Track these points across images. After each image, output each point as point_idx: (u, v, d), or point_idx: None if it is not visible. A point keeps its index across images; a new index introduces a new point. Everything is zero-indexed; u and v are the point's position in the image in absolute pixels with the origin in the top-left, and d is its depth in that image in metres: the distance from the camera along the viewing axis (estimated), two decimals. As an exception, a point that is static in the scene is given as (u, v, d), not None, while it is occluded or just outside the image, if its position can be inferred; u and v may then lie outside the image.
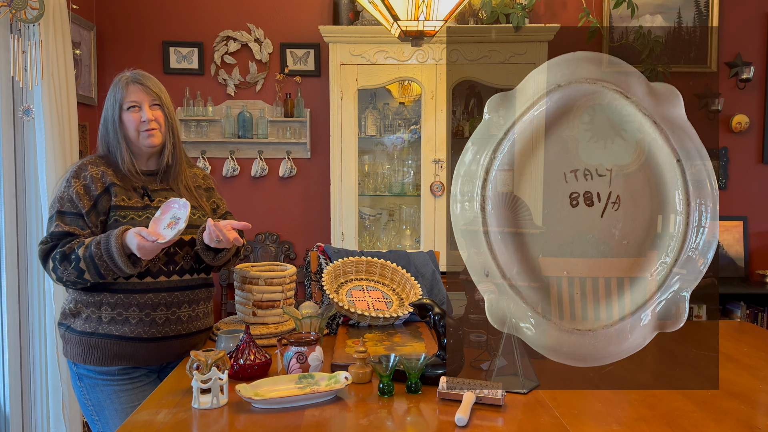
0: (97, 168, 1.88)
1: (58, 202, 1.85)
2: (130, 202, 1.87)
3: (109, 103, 1.93)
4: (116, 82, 1.94)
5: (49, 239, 1.83)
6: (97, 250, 1.75)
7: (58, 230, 1.82)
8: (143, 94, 1.91)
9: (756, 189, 4.02)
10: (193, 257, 1.95)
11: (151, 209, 1.88)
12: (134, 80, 1.91)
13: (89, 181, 1.85)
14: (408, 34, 2.35)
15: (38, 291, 2.96)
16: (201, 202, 2.01)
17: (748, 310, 3.76)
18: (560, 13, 3.90)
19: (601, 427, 1.43)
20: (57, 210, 1.84)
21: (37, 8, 2.73)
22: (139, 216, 1.86)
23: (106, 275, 1.77)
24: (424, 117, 3.51)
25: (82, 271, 1.76)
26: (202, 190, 2.06)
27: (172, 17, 3.89)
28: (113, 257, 1.74)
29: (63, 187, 1.87)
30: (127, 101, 1.90)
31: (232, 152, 3.92)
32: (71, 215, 1.83)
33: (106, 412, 1.84)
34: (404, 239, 3.76)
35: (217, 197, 2.12)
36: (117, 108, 1.90)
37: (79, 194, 1.83)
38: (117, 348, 1.83)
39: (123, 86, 1.91)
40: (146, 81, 1.93)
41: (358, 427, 1.43)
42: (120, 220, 1.84)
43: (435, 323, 1.70)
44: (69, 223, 1.83)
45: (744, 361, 1.93)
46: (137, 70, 1.96)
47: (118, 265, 1.75)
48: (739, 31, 3.93)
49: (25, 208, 2.95)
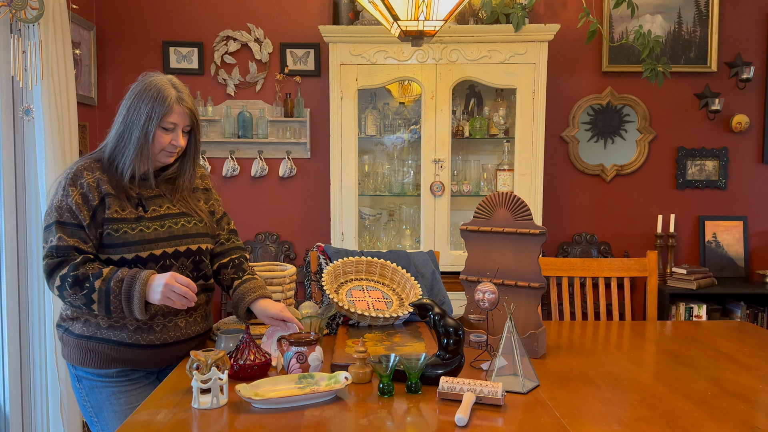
0: (92, 174, 1.78)
1: (56, 211, 1.76)
2: (124, 213, 1.79)
3: (142, 111, 1.77)
4: (156, 92, 1.77)
5: (55, 253, 1.73)
6: (116, 289, 1.70)
7: (63, 244, 1.73)
8: (184, 118, 1.81)
9: (756, 189, 4.02)
10: (190, 267, 1.89)
11: (144, 221, 1.80)
12: (179, 101, 1.79)
13: (86, 189, 1.76)
14: (408, 34, 2.34)
15: (38, 291, 2.96)
16: (197, 209, 1.94)
17: (748, 310, 3.76)
18: (560, 13, 3.89)
19: (601, 427, 1.43)
20: (56, 220, 1.75)
21: (37, 8, 2.73)
22: (132, 229, 1.78)
23: (113, 313, 1.73)
24: (424, 117, 3.51)
25: (92, 301, 1.71)
26: (200, 192, 2.00)
27: (172, 17, 3.89)
28: (131, 302, 1.70)
29: (60, 194, 1.77)
30: (167, 121, 1.78)
31: (232, 152, 3.92)
32: (72, 226, 1.75)
33: (105, 414, 1.83)
34: (404, 239, 3.76)
35: (215, 198, 2.06)
36: (154, 123, 1.76)
37: (78, 204, 1.75)
38: (115, 352, 1.81)
39: (170, 104, 1.77)
40: (190, 103, 1.82)
41: (358, 427, 1.43)
42: (112, 234, 1.77)
43: (435, 323, 1.70)
44: (71, 235, 1.74)
45: (744, 361, 1.93)
46: (177, 84, 1.82)
47: (134, 310, 1.71)
48: (739, 31, 3.93)
49: (25, 208, 2.95)
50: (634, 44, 3.62)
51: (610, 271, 2.61)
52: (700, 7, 3.89)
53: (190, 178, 1.93)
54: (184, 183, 1.92)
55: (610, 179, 4.01)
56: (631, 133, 3.98)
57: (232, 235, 2.07)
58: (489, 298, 1.86)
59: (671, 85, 3.89)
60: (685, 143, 4.00)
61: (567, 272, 2.60)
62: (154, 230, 1.82)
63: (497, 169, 3.68)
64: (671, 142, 4.00)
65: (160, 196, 1.88)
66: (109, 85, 3.90)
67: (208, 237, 1.95)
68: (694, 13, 3.89)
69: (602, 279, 2.62)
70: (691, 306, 3.71)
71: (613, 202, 4.03)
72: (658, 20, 3.90)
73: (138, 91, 1.79)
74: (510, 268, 1.98)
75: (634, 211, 4.03)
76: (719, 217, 4.02)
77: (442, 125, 3.51)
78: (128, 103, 1.80)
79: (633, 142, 3.98)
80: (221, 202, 2.10)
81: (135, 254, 1.78)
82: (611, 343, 2.19)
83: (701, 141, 4.00)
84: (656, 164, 4.01)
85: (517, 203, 1.98)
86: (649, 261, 2.59)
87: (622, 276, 2.60)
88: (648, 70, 3.54)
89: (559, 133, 3.98)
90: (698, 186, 4.01)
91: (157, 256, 1.81)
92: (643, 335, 2.26)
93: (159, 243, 1.82)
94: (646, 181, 4.02)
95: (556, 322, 2.44)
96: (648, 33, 3.55)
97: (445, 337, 1.68)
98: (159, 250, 1.81)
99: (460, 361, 1.69)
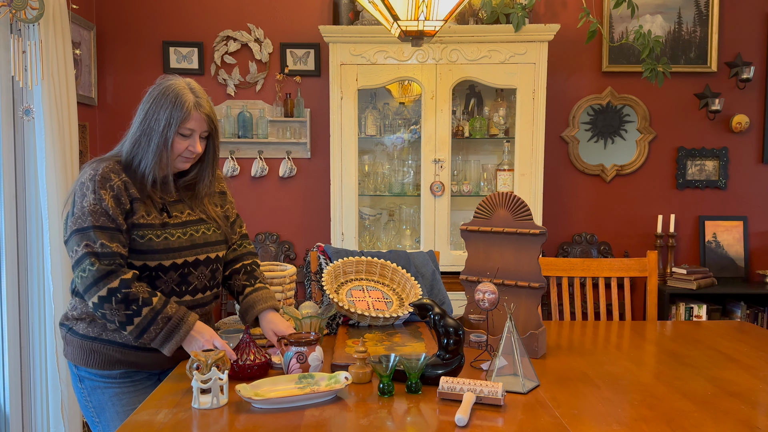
0: (119, 177, 1.74)
1: (91, 216, 1.68)
2: (149, 219, 1.76)
3: (161, 114, 1.73)
4: (174, 97, 1.73)
5: (103, 260, 1.67)
6: (161, 323, 1.69)
7: (107, 250, 1.67)
8: (202, 124, 1.77)
9: (756, 189, 4.02)
10: (208, 276, 1.88)
11: (169, 228, 1.78)
12: (198, 107, 1.75)
13: (117, 192, 1.72)
14: (408, 34, 2.34)
15: (38, 291, 2.96)
16: (215, 215, 1.92)
17: (748, 310, 3.76)
18: (560, 13, 3.89)
19: (601, 427, 1.43)
20: (93, 225, 1.68)
21: (37, 8, 2.73)
22: (157, 236, 1.76)
23: (138, 337, 1.71)
24: (424, 117, 3.51)
25: (130, 324, 1.68)
26: (216, 196, 1.97)
27: (172, 17, 3.89)
28: (168, 341, 1.70)
29: (91, 198, 1.69)
30: (185, 128, 1.74)
31: (232, 152, 3.92)
32: (111, 230, 1.69)
33: (107, 414, 1.83)
34: (404, 239, 3.76)
35: (229, 201, 2.03)
36: (173, 129, 1.72)
37: (113, 207, 1.70)
38: (119, 354, 1.80)
39: (188, 110, 1.73)
40: (209, 109, 1.78)
41: (358, 427, 1.43)
42: (137, 240, 1.73)
43: (435, 323, 1.70)
44: (111, 239, 1.69)
45: (744, 361, 1.92)
46: (196, 89, 1.78)
47: (165, 348, 1.71)
48: (739, 31, 3.93)
49: (25, 208, 2.95)
50: (634, 44, 3.62)
51: (610, 271, 2.61)
52: (700, 7, 3.89)
53: (209, 184, 1.89)
54: (203, 190, 1.89)
55: (610, 179, 4.01)
56: (631, 133, 3.98)
57: (243, 240, 2.06)
58: (489, 298, 1.86)
59: (671, 85, 3.89)
60: (685, 143, 4.00)
61: (567, 272, 2.60)
62: (177, 238, 1.79)
63: (497, 169, 3.68)
64: (671, 142, 4.00)
65: (180, 202, 1.86)
66: (109, 85, 3.90)
67: (224, 244, 1.95)
68: (694, 13, 3.89)
69: (602, 279, 2.62)
70: (691, 306, 3.71)
71: (613, 202, 4.03)
72: (658, 20, 3.90)
73: (156, 96, 1.75)
74: (510, 268, 1.98)
75: (634, 211, 4.03)
76: (719, 217, 4.02)
77: (442, 125, 3.51)
78: (146, 108, 1.76)
79: (633, 142, 3.98)
80: (234, 203, 2.08)
81: (158, 262, 1.76)
82: (611, 343, 2.19)
83: (701, 141, 4.00)
84: (656, 164, 4.01)
85: (517, 203, 1.98)
86: (649, 261, 2.59)
87: (622, 276, 2.60)
88: (648, 70, 3.54)
89: (559, 133, 3.98)
90: (698, 186, 4.01)
91: (178, 265, 1.80)
92: (643, 335, 2.26)
93: (182, 252, 1.80)
94: (646, 181, 4.02)
95: (556, 322, 2.44)
96: (648, 33, 3.55)
97: (445, 337, 1.68)
98: (181, 259, 1.80)
99: (460, 361, 1.69)
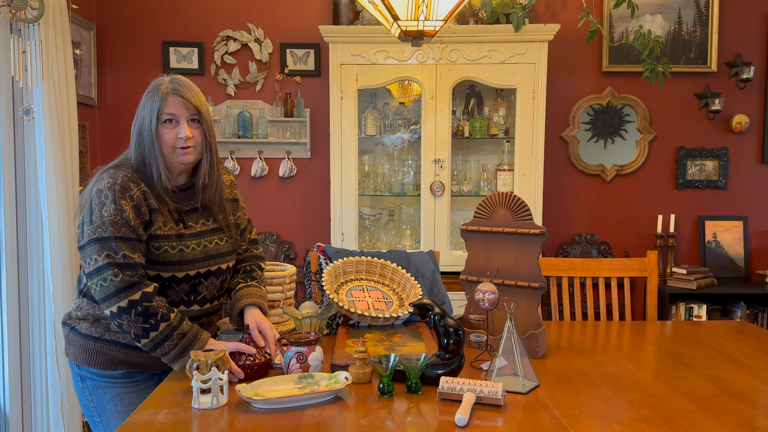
0: (137, 186, 1.72)
1: (112, 226, 1.66)
2: (166, 230, 1.75)
3: (145, 111, 1.74)
4: (154, 89, 1.74)
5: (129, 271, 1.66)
6: (176, 339, 1.69)
7: (130, 261, 1.67)
8: (182, 108, 1.73)
9: (756, 189, 4.02)
10: (218, 286, 1.87)
11: (185, 239, 1.77)
12: (174, 91, 1.72)
13: (137, 202, 1.70)
14: (408, 34, 2.34)
15: (38, 291, 2.96)
16: (228, 224, 1.91)
17: (748, 310, 3.76)
18: (560, 13, 3.90)
19: (601, 427, 1.43)
20: (113, 235, 1.66)
21: (37, 8, 2.73)
22: (173, 248, 1.75)
23: (152, 351, 1.71)
24: (424, 117, 3.51)
25: (146, 337, 1.68)
26: (229, 203, 1.94)
27: (172, 17, 3.89)
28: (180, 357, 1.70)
29: (111, 208, 1.67)
30: (164, 113, 1.72)
31: (232, 152, 3.92)
32: (132, 241, 1.68)
33: (108, 414, 1.83)
34: (404, 239, 3.76)
35: (241, 208, 2.01)
36: (154, 119, 1.71)
37: (133, 218, 1.69)
38: (122, 355, 1.80)
39: (162, 96, 1.72)
40: (187, 93, 1.73)
41: (358, 427, 1.43)
42: (152, 251, 1.72)
43: (435, 323, 1.70)
44: (133, 250, 1.68)
45: (744, 361, 1.92)
46: (177, 78, 1.77)
47: (176, 363, 1.71)
48: (739, 31, 3.93)
49: (25, 208, 2.95)
50: (634, 44, 3.62)
51: (610, 271, 2.61)
52: (700, 7, 3.89)
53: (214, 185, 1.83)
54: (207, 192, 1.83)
55: (610, 179, 4.01)
56: (631, 133, 3.98)
57: (251, 245, 2.05)
58: (489, 298, 1.86)
59: (671, 85, 3.89)
60: (685, 143, 4.00)
61: (567, 272, 2.60)
62: (192, 250, 1.79)
63: (497, 169, 3.68)
64: (671, 142, 4.00)
65: (195, 211, 1.84)
66: (109, 85, 3.90)
67: (234, 254, 1.95)
68: (694, 13, 3.89)
69: (602, 279, 2.62)
70: (691, 306, 3.71)
71: (613, 202, 4.03)
72: (658, 20, 3.90)
73: (143, 96, 1.77)
74: (510, 268, 1.98)
75: (634, 211, 4.03)
76: (719, 217, 4.02)
77: (442, 125, 3.51)
78: (138, 110, 1.78)
79: (633, 142, 3.98)
80: (246, 210, 2.05)
81: (172, 274, 1.76)
82: (611, 343, 2.19)
83: (701, 141, 4.00)
84: (656, 164, 4.01)
85: (517, 203, 1.98)
86: (649, 261, 2.59)
87: (622, 276, 2.60)
88: (648, 70, 3.54)
89: (559, 133, 3.98)
90: (698, 186, 4.01)
91: (191, 276, 1.80)
92: (643, 335, 2.26)
93: (195, 264, 1.80)
94: (646, 181, 4.02)
95: (556, 322, 2.44)
96: (648, 33, 3.55)
97: (445, 337, 1.68)
98: (194, 271, 1.80)
99: (460, 361, 1.69)
